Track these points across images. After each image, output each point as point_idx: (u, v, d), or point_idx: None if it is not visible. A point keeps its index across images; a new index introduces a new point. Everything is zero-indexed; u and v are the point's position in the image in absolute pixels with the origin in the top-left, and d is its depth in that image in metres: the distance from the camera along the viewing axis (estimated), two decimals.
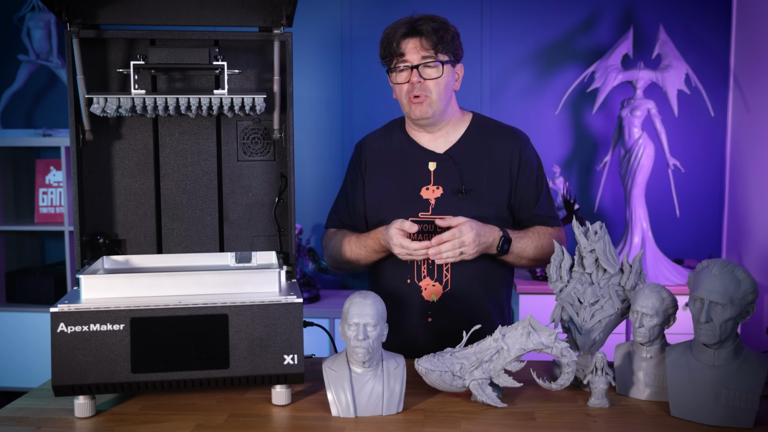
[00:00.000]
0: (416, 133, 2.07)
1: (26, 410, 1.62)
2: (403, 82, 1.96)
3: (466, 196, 1.97)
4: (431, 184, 2.00)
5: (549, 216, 2.06)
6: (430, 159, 2.02)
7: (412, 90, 1.94)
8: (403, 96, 1.98)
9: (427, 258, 1.88)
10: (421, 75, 1.93)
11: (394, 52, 1.94)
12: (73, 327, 1.52)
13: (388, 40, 1.96)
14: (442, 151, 2.03)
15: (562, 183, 3.49)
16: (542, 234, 2.02)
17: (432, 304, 1.99)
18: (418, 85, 1.94)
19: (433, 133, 2.04)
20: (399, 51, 1.94)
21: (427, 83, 1.94)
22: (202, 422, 1.54)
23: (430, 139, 2.05)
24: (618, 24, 3.67)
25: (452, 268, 1.97)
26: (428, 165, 2.02)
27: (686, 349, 1.58)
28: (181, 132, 1.89)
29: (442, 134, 2.04)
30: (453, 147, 2.03)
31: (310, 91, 3.84)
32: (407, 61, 1.94)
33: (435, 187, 2.00)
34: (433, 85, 1.95)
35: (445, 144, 2.04)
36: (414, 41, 1.93)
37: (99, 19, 1.77)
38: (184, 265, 1.83)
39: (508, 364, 1.60)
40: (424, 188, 2.00)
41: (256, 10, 1.80)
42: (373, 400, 1.57)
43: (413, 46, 1.93)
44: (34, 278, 3.79)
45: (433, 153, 2.03)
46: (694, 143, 3.67)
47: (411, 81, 1.94)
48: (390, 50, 1.95)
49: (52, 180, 3.90)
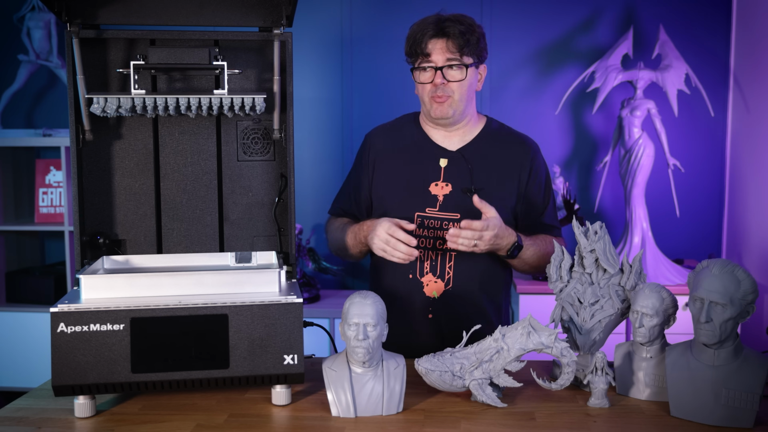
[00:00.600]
0: (431, 129, 2.07)
1: (26, 410, 1.62)
2: (426, 82, 1.97)
3: (474, 195, 1.97)
4: (441, 181, 2.01)
5: (553, 226, 2.10)
6: (441, 155, 2.03)
7: (435, 90, 1.96)
8: (425, 95, 1.99)
9: (425, 246, 1.87)
10: (444, 76, 1.94)
11: (420, 52, 1.95)
12: (73, 327, 1.52)
13: (414, 39, 1.96)
14: (455, 149, 2.04)
15: (562, 183, 3.48)
16: (548, 243, 2.03)
17: (433, 301, 1.99)
18: (441, 86, 1.95)
19: (450, 131, 2.05)
20: (425, 51, 1.94)
21: (450, 84, 1.95)
22: (202, 422, 1.54)
23: (444, 136, 2.06)
24: (618, 24, 3.67)
25: (455, 266, 1.98)
26: (440, 161, 2.03)
27: (686, 349, 1.58)
28: (181, 132, 1.89)
29: (458, 133, 2.05)
30: (466, 146, 2.04)
31: (310, 91, 3.84)
32: (432, 61, 1.95)
33: (444, 184, 2.00)
34: (456, 87, 1.96)
35: (459, 142, 2.05)
36: (441, 42, 1.94)
37: (99, 19, 1.77)
38: (184, 265, 1.83)
39: (508, 364, 1.60)
40: (434, 184, 2.01)
41: (256, 10, 1.80)
42: (373, 400, 1.57)
43: (440, 47, 1.94)
44: (34, 278, 3.78)
45: (446, 150, 2.04)
46: (694, 143, 3.67)
47: (435, 82, 1.95)
48: (416, 49, 1.96)
49: (52, 180, 3.90)
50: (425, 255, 1.99)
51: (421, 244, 1.97)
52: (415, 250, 1.84)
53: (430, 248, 1.98)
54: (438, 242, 1.96)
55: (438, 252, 1.98)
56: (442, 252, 1.98)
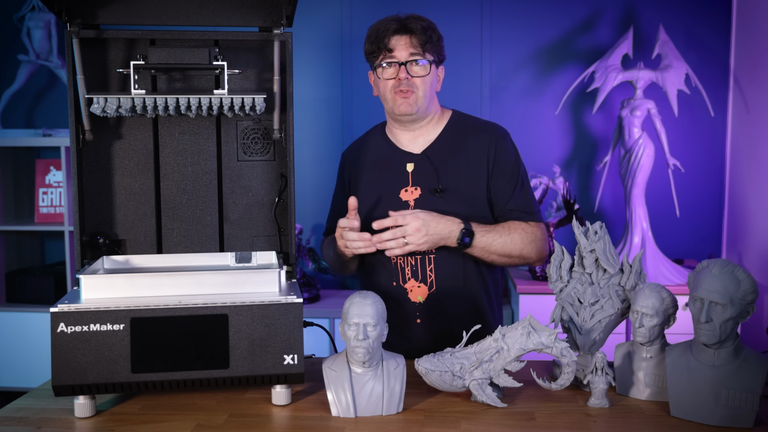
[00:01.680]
0: (396, 135, 2.08)
1: (26, 410, 1.62)
2: (390, 78, 1.98)
3: (442, 195, 1.97)
4: (410, 185, 2.01)
5: (523, 211, 2.00)
6: (407, 160, 2.04)
7: (399, 85, 1.96)
8: (388, 91, 1.99)
9: (371, 251, 1.90)
10: (408, 72, 1.95)
11: (384, 47, 1.96)
12: (73, 327, 1.52)
13: (377, 35, 1.97)
14: (420, 151, 2.04)
15: (562, 183, 3.48)
16: (513, 228, 1.96)
17: (419, 305, 1.99)
18: (405, 81, 1.95)
19: (413, 131, 2.05)
20: (388, 46, 1.96)
21: (414, 80, 1.96)
22: (202, 422, 1.54)
23: (409, 139, 2.06)
24: (618, 24, 3.67)
25: (435, 269, 1.97)
26: (406, 166, 2.03)
27: (686, 349, 1.58)
28: (181, 132, 1.89)
29: (421, 132, 2.05)
30: (430, 146, 2.04)
31: (310, 91, 3.84)
32: (395, 57, 1.96)
33: (413, 188, 2.00)
34: (420, 83, 1.97)
35: (423, 143, 2.05)
36: (404, 38, 1.96)
37: (99, 19, 1.77)
38: (184, 265, 1.83)
39: (508, 364, 1.60)
40: (403, 190, 2.01)
41: (256, 10, 1.80)
42: (373, 400, 1.57)
43: (403, 43, 1.96)
44: (34, 278, 3.79)
45: (411, 154, 2.04)
46: (694, 143, 3.67)
47: (399, 77, 1.96)
48: (378, 45, 1.97)
49: (52, 180, 3.90)
50: (405, 261, 1.98)
51: None
52: (366, 234, 1.88)
53: (408, 254, 1.96)
54: None
55: (416, 257, 1.97)
56: (421, 256, 1.97)
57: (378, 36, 1.97)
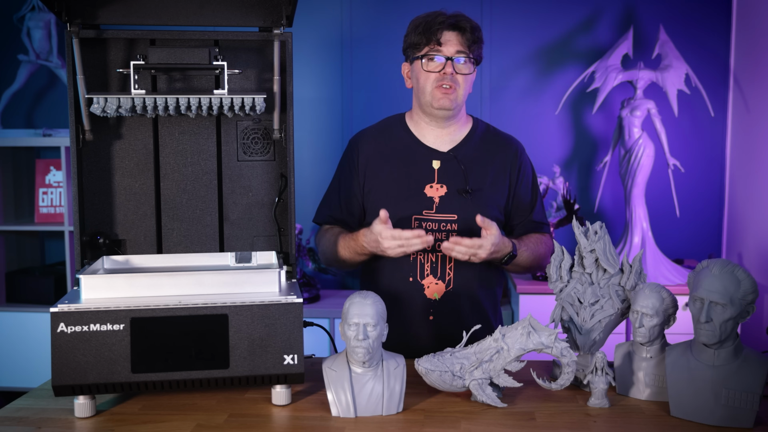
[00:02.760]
0: (421, 130, 2.07)
1: (26, 410, 1.62)
2: (435, 71, 1.96)
3: (469, 196, 1.98)
4: (435, 182, 2.01)
5: (543, 223, 2.12)
6: (434, 157, 2.03)
7: (442, 79, 1.95)
8: (429, 83, 1.97)
9: (424, 249, 1.89)
10: (454, 68, 1.95)
11: (434, 40, 1.95)
12: (73, 327, 1.52)
13: (426, 28, 1.96)
14: (446, 149, 2.04)
15: (562, 183, 3.48)
16: (538, 243, 2.06)
17: (434, 303, 1.99)
18: (450, 76, 1.95)
19: (443, 128, 2.05)
20: (439, 40, 1.95)
21: (457, 77, 1.96)
22: (202, 422, 1.54)
23: (436, 136, 2.05)
24: (618, 24, 3.67)
25: (455, 267, 1.98)
26: (432, 163, 2.02)
27: (686, 349, 1.58)
28: (181, 132, 1.89)
29: (448, 132, 2.05)
30: (456, 147, 2.04)
31: (310, 91, 3.84)
32: (443, 51, 1.95)
33: (439, 186, 2.00)
34: (463, 80, 1.97)
35: (450, 142, 2.05)
36: (455, 35, 1.96)
37: (99, 19, 1.77)
38: (184, 265, 1.82)
39: (508, 364, 1.60)
40: (428, 186, 2.01)
41: (256, 10, 1.80)
42: (373, 400, 1.57)
43: (454, 39, 1.95)
44: (34, 278, 3.78)
45: (437, 151, 2.04)
46: (694, 143, 3.67)
47: (445, 71, 1.95)
48: (429, 37, 1.95)
49: (52, 180, 3.90)
50: (425, 257, 1.99)
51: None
52: (422, 231, 1.84)
53: (429, 250, 1.98)
54: (438, 244, 1.96)
55: (438, 254, 1.98)
56: (442, 254, 1.97)
57: (428, 28, 1.95)
